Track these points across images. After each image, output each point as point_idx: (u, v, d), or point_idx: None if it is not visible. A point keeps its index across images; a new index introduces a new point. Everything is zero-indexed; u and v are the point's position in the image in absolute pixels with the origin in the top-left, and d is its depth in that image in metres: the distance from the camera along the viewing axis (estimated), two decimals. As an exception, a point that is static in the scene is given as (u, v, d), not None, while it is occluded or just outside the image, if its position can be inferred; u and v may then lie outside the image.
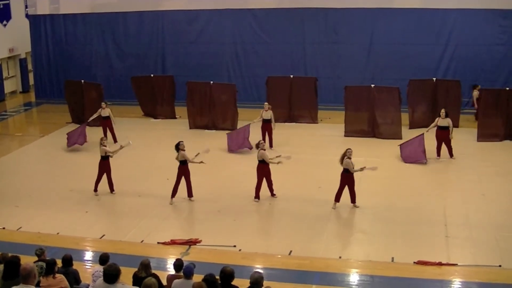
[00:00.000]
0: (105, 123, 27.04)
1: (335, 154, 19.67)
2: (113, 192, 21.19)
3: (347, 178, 19.12)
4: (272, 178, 20.23)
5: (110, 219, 19.58)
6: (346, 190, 19.24)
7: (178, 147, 19.98)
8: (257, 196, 20.26)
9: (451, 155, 23.97)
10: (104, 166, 20.98)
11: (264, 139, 24.60)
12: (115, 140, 26.82)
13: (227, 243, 17.11)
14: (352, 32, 32.44)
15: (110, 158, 20.99)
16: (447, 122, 23.70)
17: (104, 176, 21.07)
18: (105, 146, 20.96)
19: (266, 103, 25.84)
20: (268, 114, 25.39)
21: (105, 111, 26.93)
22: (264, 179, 20.16)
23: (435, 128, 23.97)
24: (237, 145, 25.49)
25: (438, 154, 23.97)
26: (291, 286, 14.85)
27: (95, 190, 21.19)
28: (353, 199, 19.37)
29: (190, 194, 20.40)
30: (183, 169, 20.11)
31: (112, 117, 27.16)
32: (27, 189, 22.00)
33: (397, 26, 31.66)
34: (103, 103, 27.24)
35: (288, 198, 20.30)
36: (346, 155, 19.03)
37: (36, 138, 29.41)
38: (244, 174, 21.51)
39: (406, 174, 22.78)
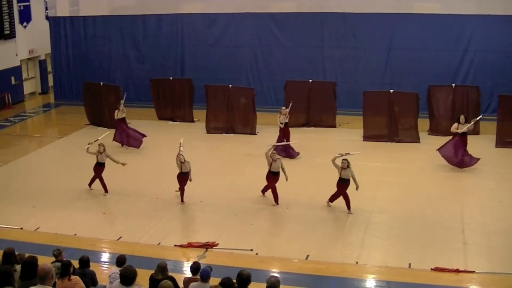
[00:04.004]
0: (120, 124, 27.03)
1: (353, 159, 19.57)
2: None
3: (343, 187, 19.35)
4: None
5: (127, 221, 19.59)
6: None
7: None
8: (276, 201, 20.26)
9: None
10: (101, 171, 21.44)
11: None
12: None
13: (244, 246, 17.11)
14: (371, 37, 32.33)
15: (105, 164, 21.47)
16: (467, 128, 23.55)
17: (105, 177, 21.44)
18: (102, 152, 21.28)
19: (283, 108, 25.68)
20: (285, 118, 25.28)
21: (122, 113, 26.91)
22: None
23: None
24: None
25: (457, 160, 23.85)
26: (308, 290, 14.86)
27: (106, 191, 21.52)
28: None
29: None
30: (182, 178, 20.37)
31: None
32: (44, 190, 22.13)
33: (416, 31, 31.52)
34: (121, 105, 27.23)
35: (306, 203, 20.24)
36: (342, 167, 19.10)
37: (54, 139, 29.60)
38: (261, 178, 21.45)
39: (423, 179, 22.64)
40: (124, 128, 26.74)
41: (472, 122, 23.71)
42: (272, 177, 20.14)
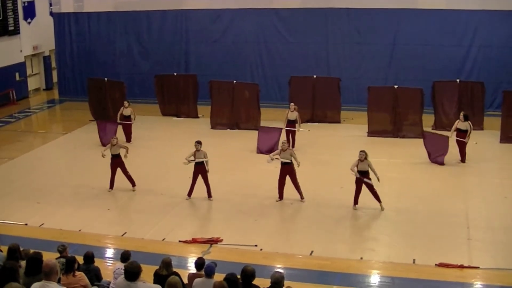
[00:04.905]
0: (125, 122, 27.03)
1: (358, 154, 19.52)
2: (134, 188, 21.37)
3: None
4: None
5: (132, 216, 19.64)
6: (367, 192, 19.19)
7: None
8: (280, 197, 20.23)
9: (463, 159, 23.77)
10: (117, 164, 21.17)
11: (288, 139, 24.53)
12: (128, 140, 26.86)
13: (248, 242, 17.14)
14: (375, 33, 32.27)
15: (122, 156, 21.22)
16: (466, 125, 23.50)
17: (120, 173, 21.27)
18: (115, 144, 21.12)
19: (292, 104, 25.65)
20: (294, 115, 25.21)
21: (127, 110, 26.88)
22: (290, 182, 20.10)
23: (455, 131, 23.78)
24: (268, 148, 25.03)
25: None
26: (312, 286, 14.85)
27: (111, 187, 21.42)
28: (377, 199, 19.29)
29: (209, 194, 20.44)
30: (199, 169, 20.17)
31: (133, 116, 27.11)
32: (49, 186, 22.16)
33: (420, 27, 31.46)
34: (125, 102, 27.24)
35: (310, 199, 20.20)
36: (359, 159, 18.96)
37: (59, 135, 29.63)
38: (266, 174, 21.48)
39: (428, 175, 22.65)
40: (113, 129, 26.56)
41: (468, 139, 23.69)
42: (281, 167, 20.00)
